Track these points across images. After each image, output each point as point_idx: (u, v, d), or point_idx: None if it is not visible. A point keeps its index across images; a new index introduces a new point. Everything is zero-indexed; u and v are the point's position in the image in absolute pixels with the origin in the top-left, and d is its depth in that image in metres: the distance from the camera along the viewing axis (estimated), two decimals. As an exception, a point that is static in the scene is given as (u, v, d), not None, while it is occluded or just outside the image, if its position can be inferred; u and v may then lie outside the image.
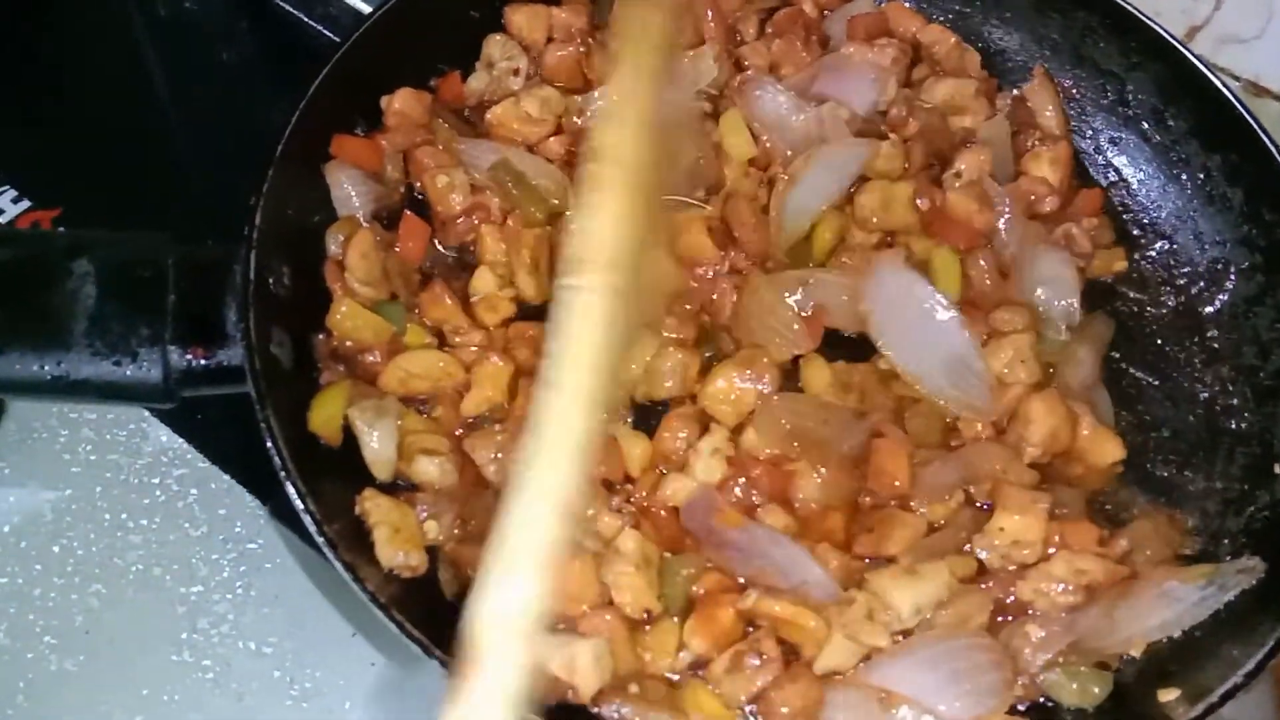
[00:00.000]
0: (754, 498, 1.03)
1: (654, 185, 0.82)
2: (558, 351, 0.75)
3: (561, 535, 0.71)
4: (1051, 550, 1.02)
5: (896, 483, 1.03)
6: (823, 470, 1.03)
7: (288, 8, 1.44)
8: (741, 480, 1.03)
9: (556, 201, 1.15)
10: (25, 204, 1.36)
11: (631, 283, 0.78)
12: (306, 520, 0.89)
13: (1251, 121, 1.19)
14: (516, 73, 1.21)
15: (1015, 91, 1.31)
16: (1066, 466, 1.10)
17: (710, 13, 1.26)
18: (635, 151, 0.81)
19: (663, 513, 1.03)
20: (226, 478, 1.22)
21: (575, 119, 1.20)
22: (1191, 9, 1.47)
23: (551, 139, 1.19)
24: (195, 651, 1.13)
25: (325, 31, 1.40)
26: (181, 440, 1.23)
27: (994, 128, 1.24)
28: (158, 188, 1.38)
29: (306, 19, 1.40)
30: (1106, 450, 1.09)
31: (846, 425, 1.05)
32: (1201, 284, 1.24)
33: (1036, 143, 1.25)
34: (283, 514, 1.15)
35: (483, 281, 1.11)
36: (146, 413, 1.24)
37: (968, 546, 1.02)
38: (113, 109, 1.46)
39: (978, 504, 1.05)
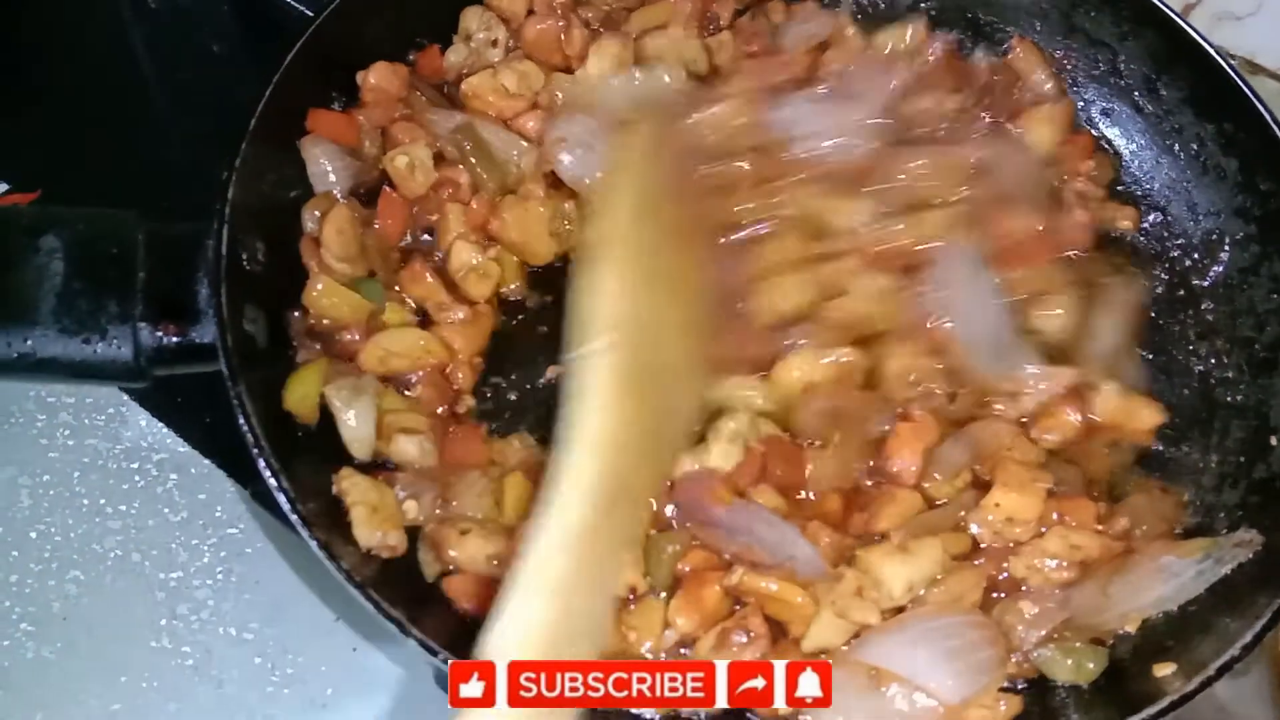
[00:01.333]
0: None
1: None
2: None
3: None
4: (1044, 529, 1.00)
5: (911, 468, 1.01)
6: (835, 448, 1.01)
7: (269, -14, 1.42)
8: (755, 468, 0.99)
9: (514, 173, 1.13)
10: (3, 187, 1.34)
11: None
12: (280, 498, 0.87)
13: (1246, 89, 1.17)
14: (494, 44, 1.19)
15: (997, 59, 1.29)
16: (1092, 439, 1.08)
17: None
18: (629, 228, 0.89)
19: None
20: (207, 462, 1.21)
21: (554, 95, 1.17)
22: (1186, -15, 1.45)
23: (526, 117, 1.16)
24: (175, 638, 1.12)
25: (307, 11, 1.38)
26: (161, 425, 1.22)
27: None
28: (140, 170, 1.36)
29: (288, -3, 1.38)
30: (1143, 416, 1.08)
31: (882, 407, 1.03)
32: (1196, 256, 1.22)
33: (1035, 101, 1.24)
34: (263, 499, 1.13)
35: (459, 258, 1.08)
36: (126, 397, 1.23)
37: (963, 523, 1.00)
38: (93, 91, 1.45)
39: (985, 479, 1.02)
